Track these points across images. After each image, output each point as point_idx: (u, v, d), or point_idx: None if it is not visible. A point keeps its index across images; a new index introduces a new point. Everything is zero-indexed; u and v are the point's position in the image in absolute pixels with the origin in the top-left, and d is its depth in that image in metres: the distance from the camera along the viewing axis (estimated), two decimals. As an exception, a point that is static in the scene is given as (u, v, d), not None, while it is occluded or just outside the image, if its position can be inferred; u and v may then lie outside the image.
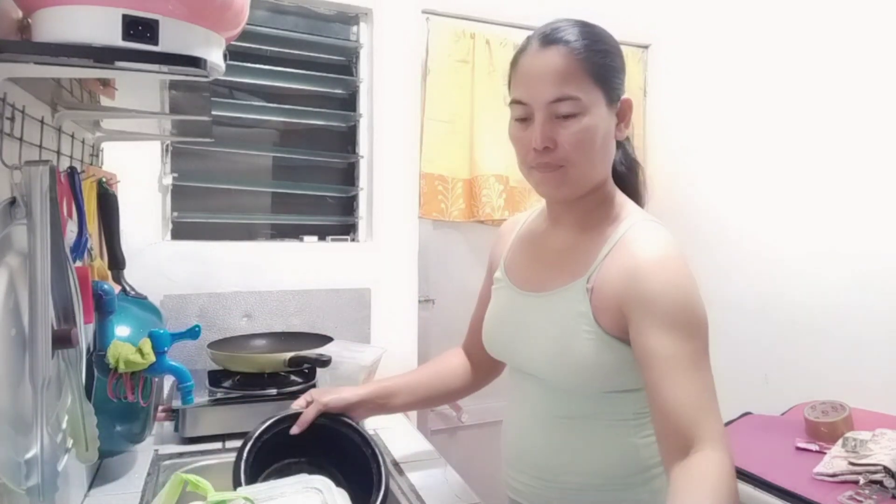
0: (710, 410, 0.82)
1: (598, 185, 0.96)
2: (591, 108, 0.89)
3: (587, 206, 0.97)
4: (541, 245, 1.04)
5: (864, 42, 1.71)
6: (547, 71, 0.88)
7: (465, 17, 2.08)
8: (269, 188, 2.04)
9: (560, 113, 0.89)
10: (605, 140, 0.92)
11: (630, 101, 0.94)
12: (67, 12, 0.68)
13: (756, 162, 2.00)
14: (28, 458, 0.71)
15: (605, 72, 0.90)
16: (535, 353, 0.96)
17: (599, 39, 0.92)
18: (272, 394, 1.49)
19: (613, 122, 0.93)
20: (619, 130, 0.94)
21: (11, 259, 0.72)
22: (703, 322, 0.87)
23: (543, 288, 0.97)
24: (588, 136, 0.89)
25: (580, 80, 0.88)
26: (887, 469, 1.23)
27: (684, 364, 0.83)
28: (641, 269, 0.87)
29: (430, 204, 2.06)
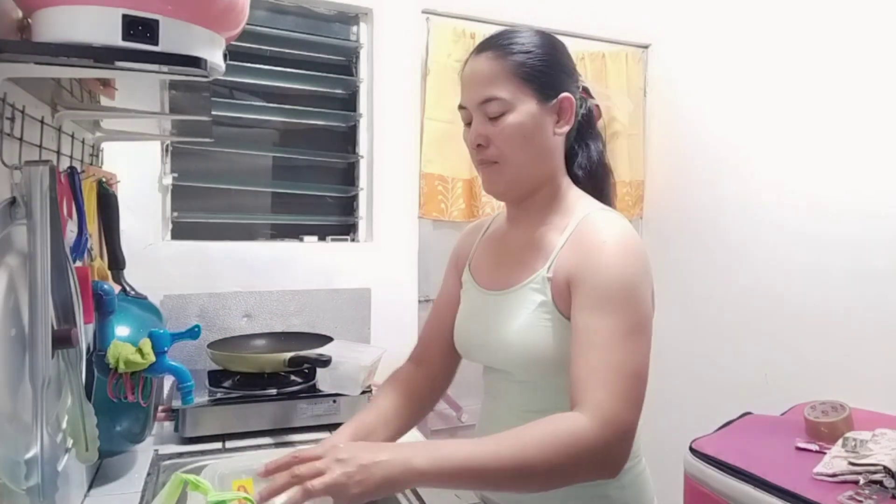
0: (606, 385, 0.81)
1: (545, 181, 0.99)
2: (518, 106, 0.93)
3: (539, 203, 1.00)
4: (502, 245, 1.07)
5: (864, 42, 1.71)
6: (476, 75, 0.96)
7: (465, 17, 2.08)
8: (269, 188, 2.04)
9: (490, 113, 0.94)
10: (537, 136, 0.95)
11: (569, 98, 0.96)
12: (67, 12, 0.68)
13: (756, 161, 2.00)
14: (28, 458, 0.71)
15: (534, 71, 0.94)
16: (503, 349, 0.98)
17: (530, 41, 0.96)
18: (272, 394, 1.49)
19: (550, 119, 0.96)
20: (559, 127, 0.97)
21: (11, 259, 0.72)
22: (634, 305, 0.87)
23: (507, 286, 0.99)
24: (516, 133, 0.93)
25: (505, 80, 0.93)
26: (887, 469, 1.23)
27: (598, 341, 0.84)
28: (590, 250, 0.90)
29: (430, 204, 2.06)
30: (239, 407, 1.44)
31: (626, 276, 0.87)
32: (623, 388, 0.82)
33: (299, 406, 1.48)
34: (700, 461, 1.47)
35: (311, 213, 2.05)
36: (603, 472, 0.83)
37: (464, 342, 1.08)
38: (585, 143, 1.02)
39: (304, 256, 1.91)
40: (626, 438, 0.81)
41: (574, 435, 0.79)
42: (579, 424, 0.79)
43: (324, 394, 1.51)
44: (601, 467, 0.82)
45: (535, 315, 0.93)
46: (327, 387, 1.53)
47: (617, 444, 0.81)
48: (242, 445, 1.37)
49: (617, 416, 0.80)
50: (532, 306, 0.94)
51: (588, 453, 0.79)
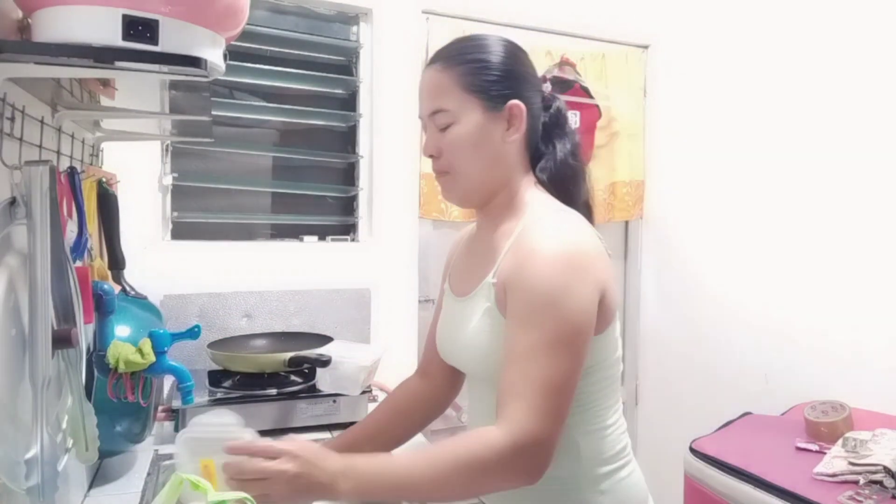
0: (521, 398, 0.84)
1: (500, 187, 1.00)
2: (463, 117, 0.95)
3: (498, 208, 1.01)
4: (470, 251, 1.09)
5: (864, 43, 1.71)
6: (424, 87, 1.00)
7: (465, 17, 2.08)
8: (269, 188, 2.04)
9: (438, 125, 0.97)
10: (486, 145, 0.96)
11: (518, 105, 0.96)
12: (67, 12, 0.68)
13: (757, 161, 2.00)
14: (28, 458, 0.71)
15: (478, 81, 0.95)
16: (462, 353, 1.02)
17: (476, 52, 0.98)
18: (272, 394, 1.49)
19: (499, 127, 0.96)
20: (509, 135, 0.97)
21: (11, 259, 0.72)
22: (558, 317, 0.86)
23: (466, 291, 1.01)
24: (463, 143, 0.96)
25: (450, 92, 0.96)
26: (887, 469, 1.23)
27: (519, 353, 0.86)
28: (522, 258, 0.90)
29: (430, 204, 2.06)
30: (239, 407, 1.44)
31: (550, 288, 0.86)
32: (537, 401, 0.83)
33: (299, 406, 1.48)
34: (700, 461, 1.47)
35: (311, 213, 2.05)
36: (517, 481, 0.85)
37: (440, 347, 1.11)
38: (552, 143, 1.02)
39: (304, 256, 1.91)
40: (538, 449, 0.83)
41: (484, 450, 0.82)
42: (491, 438, 0.83)
43: (324, 394, 1.51)
44: (514, 477, 0.84)
45: (482, 320, 0.95)
46: (327, 387, 1.53)
47: (528, 455, 0.83)
48: (242, 445, 1.37)
49: (527, 429, 0.82)
50: (480, 312, 0.96)
51: (498, 467, 0.82)
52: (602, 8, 2.28)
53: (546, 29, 2.18)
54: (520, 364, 0.86)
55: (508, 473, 0.84)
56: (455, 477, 0.83)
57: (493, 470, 0.83)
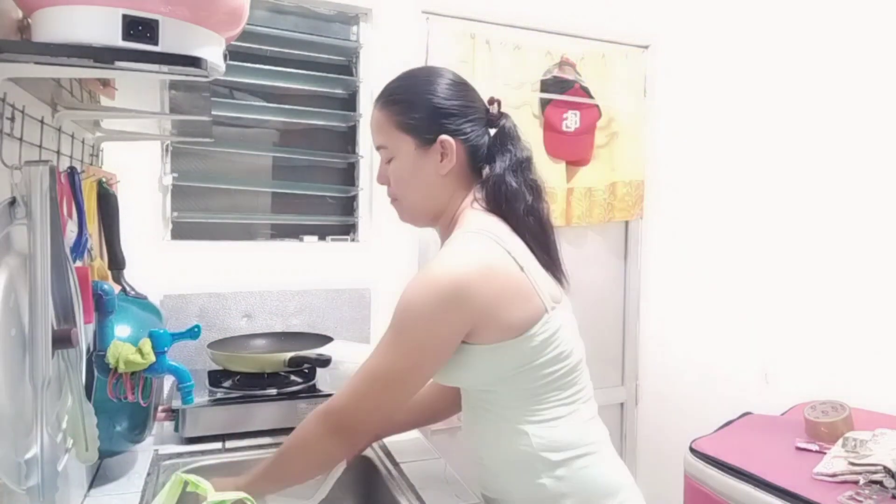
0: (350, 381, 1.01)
1: (439, 211, 1.10)
2: (398, 152, 1.07)
3: (443, 226, 1.11)
4: None
5: (865, 42, 1.71)
6: (371, 124, 1.11)
7: (465, 17, 2.08)
8: (269, 188, 2.04)
9: (383, 158, 1.10)
10: (421, 177, 1.07)
11: (447, 140, 1.05)
12: (67, 12, 0.68)
13: (757, 161, 2.00)
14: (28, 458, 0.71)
15: (409, 120, 1.06)
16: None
17: (407, 92, 1.07)
18: (272, 394, 1.49)
19: (433, 159, 1.06)
20: (443, 167, 1.06)
21: (11, 259, 0.72)
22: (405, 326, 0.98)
23: None
24: (401, 175, 1.09)
25: (387, 131, 1.08)
26: (887, 469, 1.23)
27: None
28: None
29: (430, 204, 2.06)
30: (239, 407, 1.44)
31: (411, 303, 0.97)
32: (354, 382, 1.00)
33: (299, 406, 1.48)
34: (700, 461, 1.47)
35: (311, 213, 2.05)
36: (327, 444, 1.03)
37: None
38: (493, 161, 1.08)
39: (304, 256, 1.91)
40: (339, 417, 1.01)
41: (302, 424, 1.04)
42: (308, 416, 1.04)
43: (324, 394, 1.51)
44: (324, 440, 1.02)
45: None
46: (327, 387, 1.53)
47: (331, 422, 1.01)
48: (242, 445, 1.37)
49: (335, 402, 1.02)
50: None
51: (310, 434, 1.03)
52: (602, 8, 2.28)
53: (546, 29, 2.18)
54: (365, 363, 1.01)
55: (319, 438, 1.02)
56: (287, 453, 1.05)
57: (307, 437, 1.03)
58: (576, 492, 1.02)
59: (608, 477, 1.05)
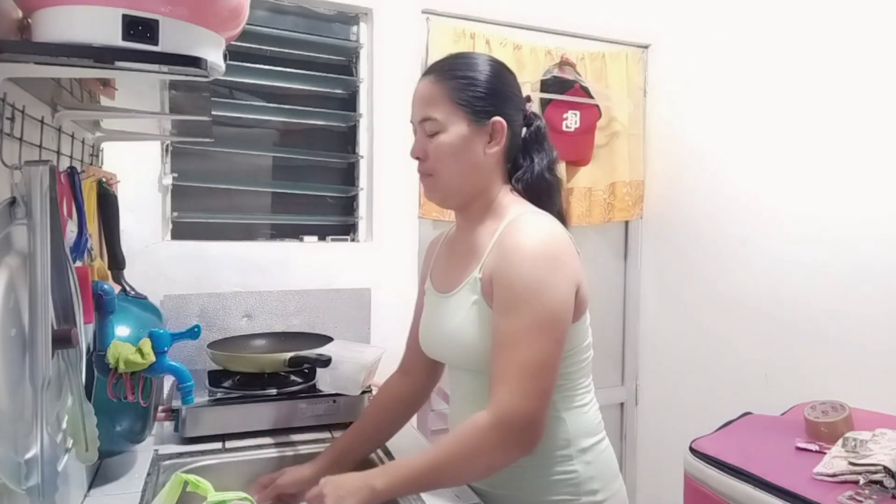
0: (506, 381, 0.95)
1: (478, 193, 1.09)
2: (450, 127, 1.05)
3: (477, 211, 1.10)
4: (451, 251, 1.18)
5: (865, 41, 1.71)
6: (418, 96, 1.10)
7: (465, 17, 2.08)
8: (269, 188, 2.04)
9: (427, 131, 1.07)
10: (467, 155, 1.06)
11: (500, 122, 1.05)
12: (67, 12, 0.68)
13: (756, 161, 2.00)
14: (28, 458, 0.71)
15: (467, 96, 1.05)
16: (448, 344, 1.10)
17: (469, 69, 1.07)
18: (272, 394, 1.49)
19: (482, 140, 1.06)
20: (490, 147, 1.06)
21: (11, 259, 0.72)
22: (538, 305, 0.95)
23: (451, 288, 1.10)
24: (447, 151, 1.05)
25: (441, 103, 1.06)
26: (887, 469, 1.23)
27: (504, 341, 0.97)
28: (506, 252, 0.99)
29: (429, 204, 2.06)
30: (239, 407, 1.44)
31: (530, 279, 0.96)
32: (521, 382, 0.94)
33: (299, 406, 1.48)
34: (700, 461, 1.47)
35: (311, 213, 2.05)
36: (509, 456, 0.96)
37: (424, 341, 1.21)
38: (530, 157, 1.11)
39: (304, 256, 1.91)
40: (525, 426, 0.94)
41: (476, 433, 0.95)
42: (480, 423, 0.95)
43: (324, 394, 1.51)
44: (506, 453, 0.96)
45: (470, 312, 1.04)
46: (327, 387, 1.52)
47: (516, 432, 0.94)
48: (242, 445, 1.37)
49: (513, 409, 0.94)
50: (467, 305, 1.05)
51: (489, 445, 0.95)
52: (602, 8, 2.28)
53: (546, 29, 2.18)
54: (504, 351, 0.96)
55: (498, 449, 0.95)
56: (455, 462, 0.97)
57: (484, 449, 0.95)
58: (599, 474, 1.07)
59: (614, 457, 1.13)
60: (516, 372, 0.94)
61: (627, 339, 2.50)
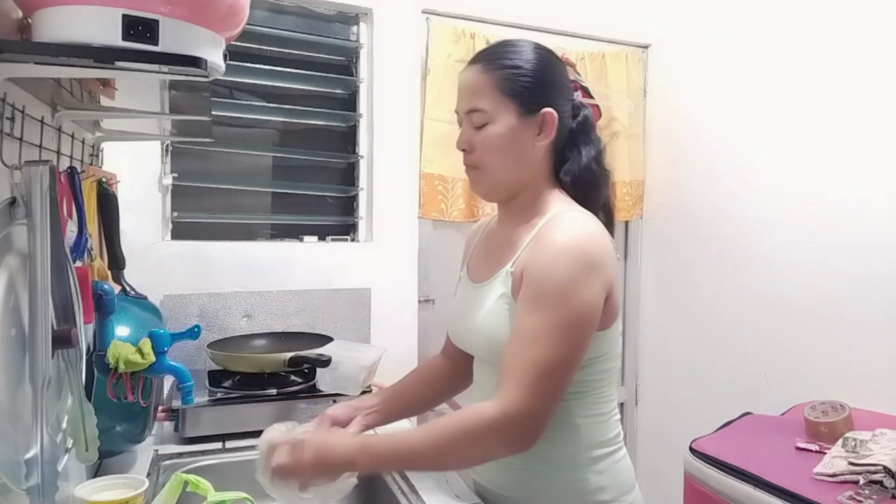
0: (517, 376, 0.91)
1: (525, 186, 1.05)
2: (498, 118, 1.01)
3: (522, 205, 1.07)
4: (489, 242, 1.16)
5: (864, 41, 1.71)
6: (465, 85, 1.04)
7: (465, 17, 2.08)
8: (269, 188, 2.04)
9: (474, 122, 1.02)
10: (516, 147, 1.02)
11: (551, 113, 1.01)
12: (67, 12, 0.68)
13: (756, 161, 2.00)
14: (28, 458, 0.71)
15: (517, 86, 1.00)
16: (472, 335, 1.08)
17: (518, 57, 1.02)
18: (272, 394, 1.49)
19: (531, 131, 1.02)
20: (539, 140, 1.03)
21: (11, 259, 0.72)
22: (565, 304, 0.92)
23: (484, 278, 1.07)
24: (495, 143, 1.01)
25: (489, 93, 1.01)
26: (887, 469, 1.23)
27: (522, 334, 0.93)
28: (541, 248, 0.97)
29: (430, 204, 2.06)
30: (239, 407, 1.44)
31: (561, 276, 0.92)
32: (530, 380, 0.91)
33: (299, 406, 1.48)
34: (700, 461, 1.47)
35: (311, 213, 2.05)
36: (504, 450, 0.94)
37: (451, 329, 1.19)
38: (577, 149, 1.06)
39: (304, 256, 1.91)
40: (524, 423, 0.91)
41: (475, 421, 0.92)
42: (482, 412, 0.92)
43: (324, 394, 1.51)
44: (501, 446, 0.93)
45: (496, 305, 1.02)
46: (327, 387, 1.53)
47: (514, 428, 0.91)
48: (242, 445, 1.37)
49: (516, 406, 0.90)
50: (495, 297, 1.02)
51: (486, 436, 0.92)
52: (602, 8, 2.28)
53: (546, 29, 2.18)
54: (522, 345, 0.93)
55: (496, 442, 0.92)
56: (450, 445, 0.94)
57: (480, 439, 0.92)
58: (612, 485, 1.04)
59: (630, 470, 1.10)
60: (530, 368, 0.91)
61: (627, 339, 2.50)
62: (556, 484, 1.03)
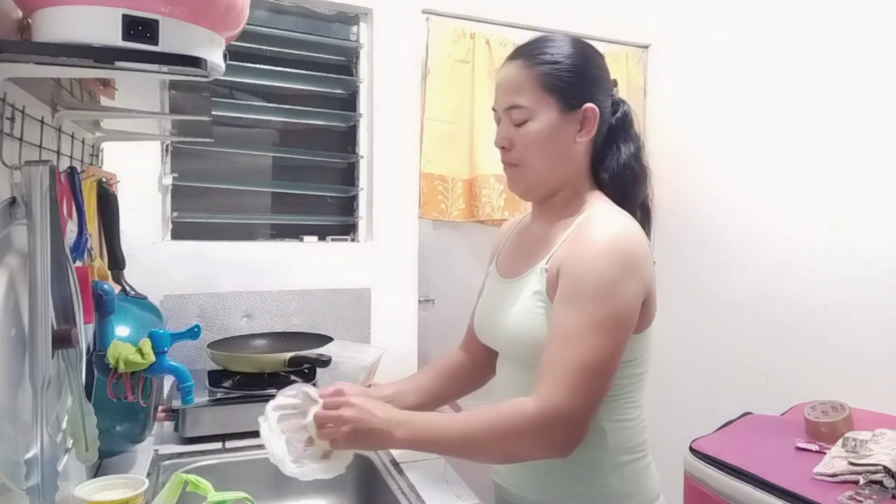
0: (557, 375, 0.89)
1: (564, 184, 1.04)
2: (539, 114, 0.99)
3: (558, 203, 1.05)
4: (522, 238, 1.13)
5: (864, 41, 1.71)
6: (504, 82, 1.02)
7: (465, 17, 2.08)
8: (269, 188, 2.04)
9: (514, 119, 1.00)
10: (557, 144, 1.00)
11: (593, 108, 0.99)
12: (67, 12, 0.68)
13: (756, 161, 2.00)
14: (28, 458, 0.71)
15: (558, 81, 0.98)
16: (501, 331, 1.05)
17: (558, 52, 1.00)
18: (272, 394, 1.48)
19: (572, 128, 1.00)
20: (580, 136, 1.01)
21: (11, 259, 0.72)
22: (606, 302, 0.90)
23: (516, 274, 1.06)
24: (535, 139, 0.99)
25: (529, 90, 0.99)
26: (887, 469, 1.23)
27: (563, 333, 0.91)
28: (579, 246, 0.95)
29: (430, 204, 2.06)
30: (239, 407, 1.44)
31: (602, 274, 0.91)
32: (573, 379, 0.88)
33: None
34: (700, 461, 1.47)
35: (311, 213, 2.05)
36: (542, 451, 0.91)
37: (477, 323, 1.16)
38: (616, 145, 1.05)
39: (304, 256, 1.91)
40: (567, 424, 0.88)
41: (515, 416, 0.89)
42: (523, 408, 0.89)
43: (324, 394, 1.51)
44: (541, 447, 0.90)
45: (529, 302, 0.99)
46: (327, 387, 1.52)
47: (557, 428, 0.88)
48: (242, 445, 1.37)
49: (558, 404, 0.87)
50: (529, 294, 1.00)
51: (526, 434, 0.88)
52: (602, 8, 2.28)
53: (546, 29, 2.18)
54: (561, 343, 0.90)
55: (534, 442, 0.89)
56: (485, 436, 0.90)
57: (519, 435, 0.89)
58: (636, 492, 1.02)
59: (656, 478, 1.07)
60: (571, 368, 0.88)
61: (627, 339, 2.50)
62: (579, 489, 1.00)
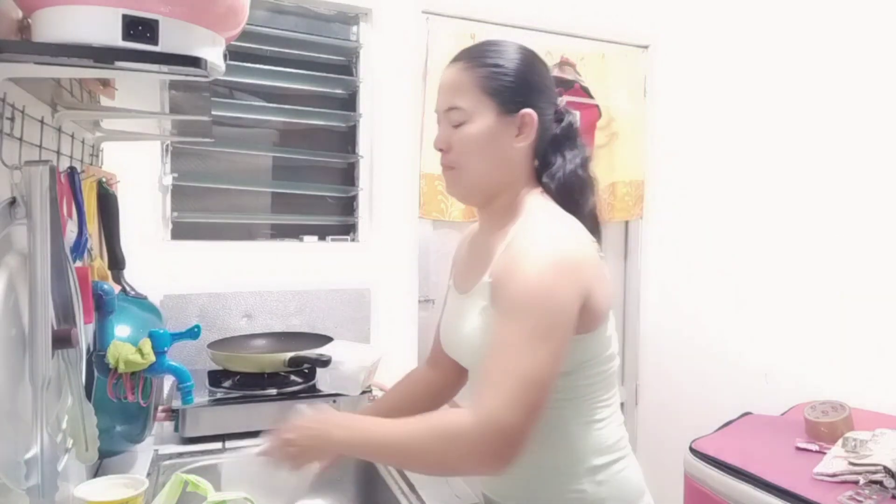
0: (495, 387, 0.86)
1: (503, 189, 1.02)
2: (476, 117, 0.98)
3: (500, 209, 1.03)
4: (472, 249, 1.12)
5: (864, 42, 1.71)
6: (445, 83, 1.03)
7: (465, 17, 2.08)
8: (269, 188, 2.04)
9: (452, 121, 1.00)
10: (494, 147, 0.99)
11: (530, 114, 0.99)
12: (67, 12, 0.68)
13: (756, 161, 2.00)
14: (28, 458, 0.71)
15: (497, 85, 0.98)
16: (461, 348, 1.06)
17: (501, 57, 1.00)
18: (272, 394, 1.49)
19: (510, 132, 0.99)
20: (518, 141, 1.00)
21: (11, 259, 0.72)
22: (541, 312, 0.88)
23: (467, 288, 1.04)
24: (472, 142, 0.98)
25: (468, 92, 0.99)
26: (887, 469, 1.23)
27: (499, 345, 0.89)
28: (514, 256, 0.93)
29: (430, 204, 2.06)
30: (239, 407, 1.44)
31: (532, 287, 0.88)
32: (510, 391, 0.85)
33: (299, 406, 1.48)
34: (700, 461, 1.47)
35: (311, 213, 2.05)
36: (480, 466, 0.87)
37: (443, 339, 1.15)
38: (562, 154, 1.04)
39: (304, 256, 1.91)
40: (506, 438, 0.84)
41: (452, 428, 0.87)
42: (460, 420, 0.86)
43: (324, 394, 1.51)
44: (477, 462, 0.86)
45: (479, 318, 0.98)
46: (327, 387, 1.53)
47: (495, 443, 0.84)
48: (242, 445, 1.37)
49: (497, 417, 0.84)
50: (477, 310, 0.99)
51: (462, 447, 0.86)
52: (602, 8, 2.28)
53: (546, 29, 2.18)
54: (498, 355, 0.89)
55: (471, 455, 0.86)
56: (422, 443, 0.89)
57: (456, 446, 0.86)
58: (613, 496, 0.99)
59: (637, 480, 1.04)
60: (507, 380, 0.86)
61: (627, 339, 2.50)
62: (553, 495, 0.99)
